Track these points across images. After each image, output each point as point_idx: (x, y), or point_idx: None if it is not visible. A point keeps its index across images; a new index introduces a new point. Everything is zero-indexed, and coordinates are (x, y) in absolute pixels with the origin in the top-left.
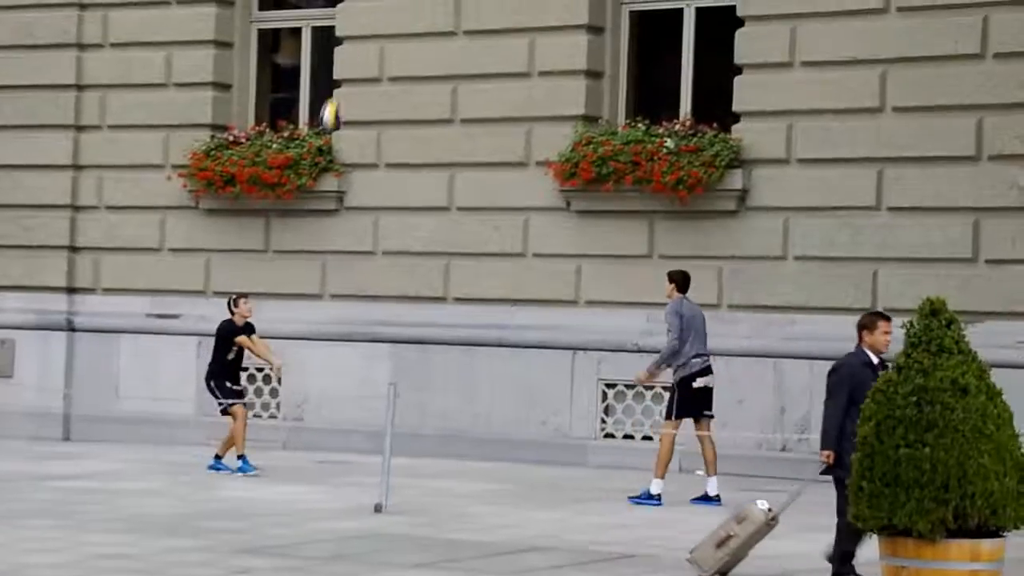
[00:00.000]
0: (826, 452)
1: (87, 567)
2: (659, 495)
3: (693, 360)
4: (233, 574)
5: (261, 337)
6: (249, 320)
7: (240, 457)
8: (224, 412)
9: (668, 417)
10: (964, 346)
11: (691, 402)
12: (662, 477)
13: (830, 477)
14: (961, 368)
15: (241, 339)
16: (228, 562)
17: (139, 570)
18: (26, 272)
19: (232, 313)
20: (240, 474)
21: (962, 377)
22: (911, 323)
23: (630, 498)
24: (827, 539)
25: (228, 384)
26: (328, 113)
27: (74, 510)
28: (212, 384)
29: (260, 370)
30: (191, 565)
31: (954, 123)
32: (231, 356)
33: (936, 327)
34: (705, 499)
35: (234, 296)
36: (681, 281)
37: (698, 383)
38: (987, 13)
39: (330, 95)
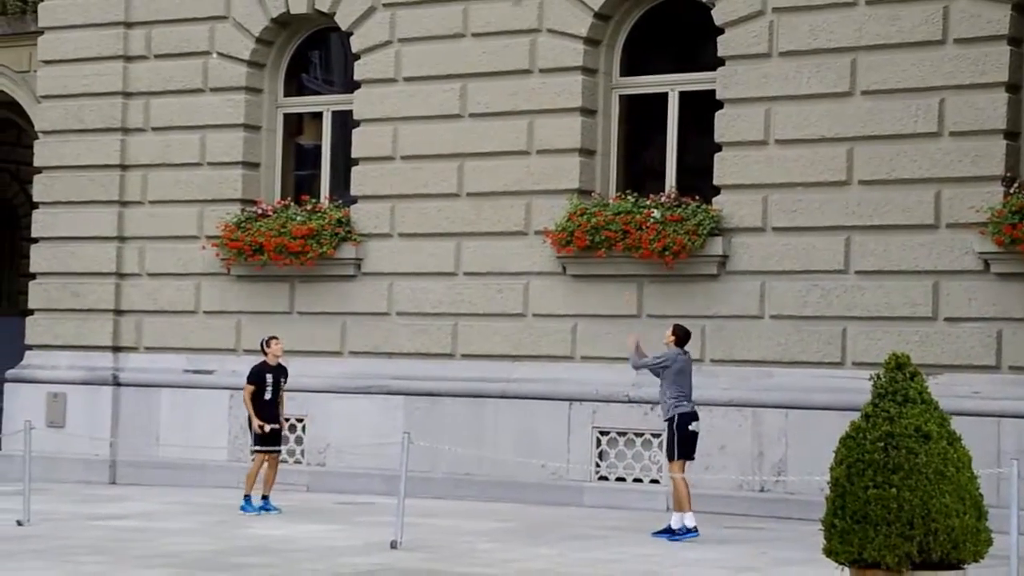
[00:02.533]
0: None
1: None
2: (695, 527)
3: (686, 402)
4: None
5: (288, 391)
6: (281, 360)
7: (246, 497)
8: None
9: (671, 459)
10: (926, 396)
11: (687, 443)
12: (690, 510)
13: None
14: (924, 416)
15: (246, 390)
16: None
17: None
18: (76, 333)
19: (265, 353)
20: (242, 512)
21: (925, 424)
22: (878, 376)
23: (669, 537)
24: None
25: (263, 427)
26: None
27: (118, 547)
28: (251, 426)
29: (287, 419)
30: None
31: (914, 195)
32: (267, 396)
33: (901, 379)
34: (668, 532)
35: (266, 338)
36: (682, 336)
37: (692, 427)
38: (943, 96)
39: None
